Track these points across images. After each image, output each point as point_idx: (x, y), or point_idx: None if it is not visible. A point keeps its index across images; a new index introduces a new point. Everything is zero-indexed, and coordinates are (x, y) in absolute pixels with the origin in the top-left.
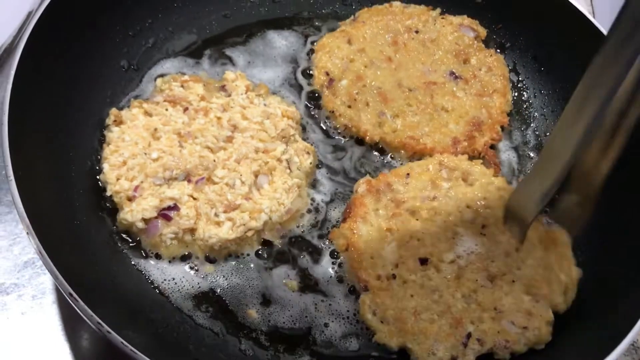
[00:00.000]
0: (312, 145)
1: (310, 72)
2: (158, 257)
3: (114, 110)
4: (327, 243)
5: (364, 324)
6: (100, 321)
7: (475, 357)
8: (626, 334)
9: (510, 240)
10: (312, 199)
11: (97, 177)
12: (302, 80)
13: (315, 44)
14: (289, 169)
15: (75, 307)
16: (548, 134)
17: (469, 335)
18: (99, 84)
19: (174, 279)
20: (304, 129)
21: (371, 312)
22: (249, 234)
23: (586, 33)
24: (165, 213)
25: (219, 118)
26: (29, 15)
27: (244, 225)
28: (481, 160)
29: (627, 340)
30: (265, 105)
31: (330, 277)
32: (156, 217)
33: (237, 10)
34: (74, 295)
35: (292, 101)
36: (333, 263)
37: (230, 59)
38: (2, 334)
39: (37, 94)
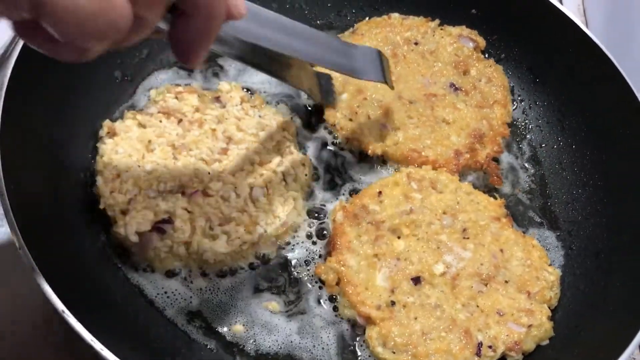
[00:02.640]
0: (308, 157)
1: None
2: (152, 270)
3: (107, 122)
4: (322, 254)
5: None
6: (93, 338)
7: None
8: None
9: (493, 240)
10: (308, 212)
11: (91, 189)
12: (301, 93)
13: None
14: (285, 181)
15: (67, 324)
16: (543, 145)
17: (480, 345)
18: (92, 95)
19: (166, 292)
20: (300, 141)
21: (381, 345)
22: (244, 247)
23: (579, 43)
24: (160, 226)
25: (213, 130)
26: None
27: (239, 238)
28: (445, 169)
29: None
30: (260, 116)
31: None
32: (150, 231)
33: None
34: (66, 311)
35: (291, 113)
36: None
37: (222, 68)
38: None
39: (29, 105)
